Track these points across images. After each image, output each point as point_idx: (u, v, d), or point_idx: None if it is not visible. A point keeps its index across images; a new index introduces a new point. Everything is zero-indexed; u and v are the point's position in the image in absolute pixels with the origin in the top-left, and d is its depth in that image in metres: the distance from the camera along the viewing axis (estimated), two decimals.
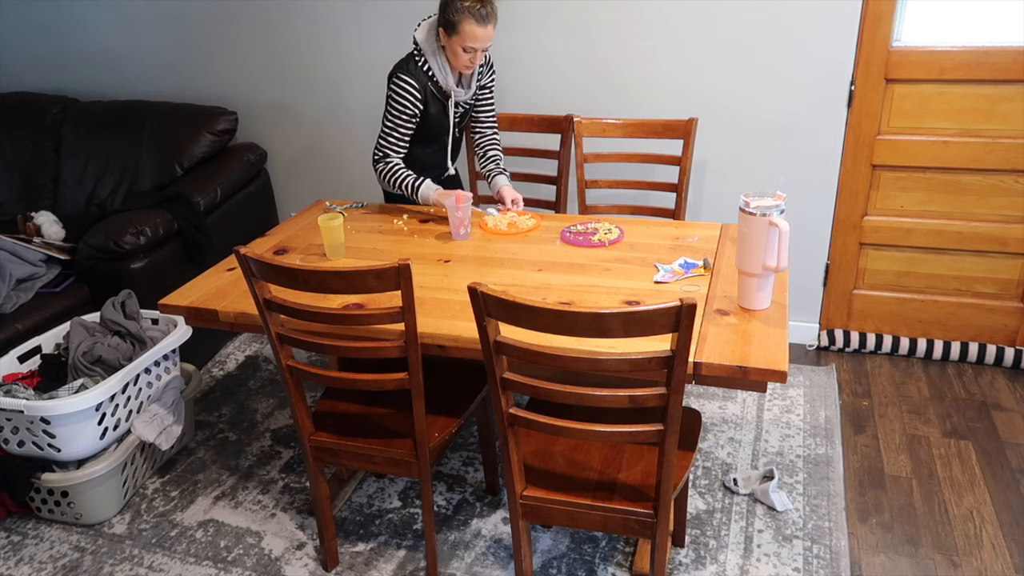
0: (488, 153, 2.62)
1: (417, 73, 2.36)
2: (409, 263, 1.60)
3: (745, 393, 2.79)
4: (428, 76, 2.37)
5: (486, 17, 2.22)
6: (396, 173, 2.43)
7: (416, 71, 2.36)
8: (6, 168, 3.39)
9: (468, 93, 2.46)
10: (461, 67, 2.33)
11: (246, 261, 1.70)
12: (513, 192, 2.51)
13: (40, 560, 2.20)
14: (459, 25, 2.22)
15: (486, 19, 2.22)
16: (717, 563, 2.06)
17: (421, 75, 2.36)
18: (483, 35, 2.24)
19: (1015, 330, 2.87)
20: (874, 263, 2.93)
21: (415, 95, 2.35)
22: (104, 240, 2.72)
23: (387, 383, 1.80)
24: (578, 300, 1.89)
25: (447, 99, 2.42)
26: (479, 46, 2.26)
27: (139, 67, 3.54)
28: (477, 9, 2.20)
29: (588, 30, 2.86)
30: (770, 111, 2.79)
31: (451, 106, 2.44)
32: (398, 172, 2.43)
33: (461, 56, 2.29)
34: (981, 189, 2.72)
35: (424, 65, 2.36)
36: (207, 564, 2.15)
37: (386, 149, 2.44)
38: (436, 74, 2.36)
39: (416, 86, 2.35)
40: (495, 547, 2.16)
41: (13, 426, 2.20)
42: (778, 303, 1.84)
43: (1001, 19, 2.52)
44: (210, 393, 2.97)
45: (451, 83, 2.38)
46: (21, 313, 2.64)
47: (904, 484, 2.32)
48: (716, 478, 2.37)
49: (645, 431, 1.52)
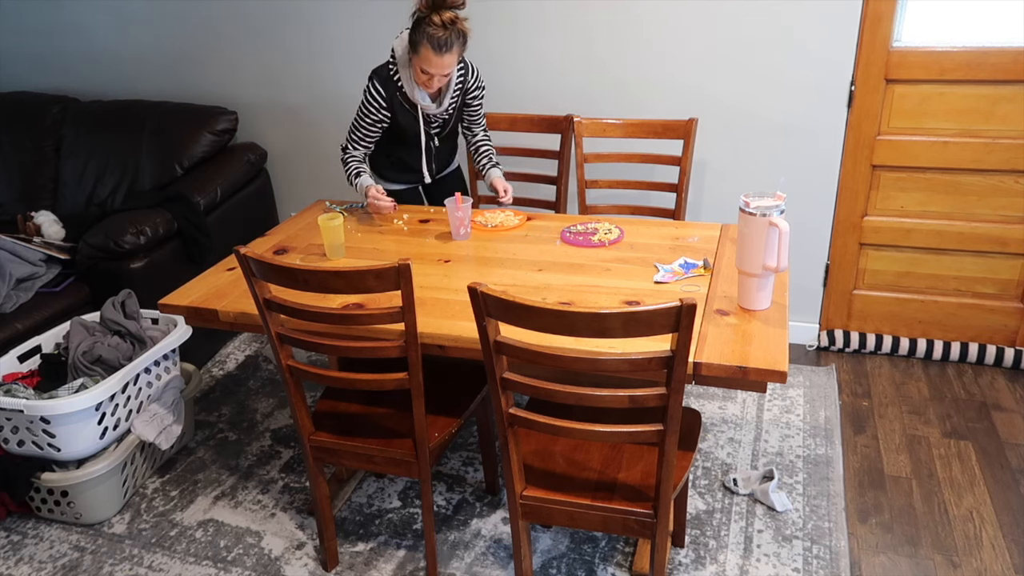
0: (480, 150, 2.64)
1: (387, 82, 2.38)
2: (409, 263, 1.60)
3: (745, 393, 2.79)
4: (398, 86, 2.39)
5: (444, 46, 2.19)
6: (347, 165, 2.51)
7: (387, 79, 2.38)
8: (6, 168, 3.39)
9: (440, 107, 2.44)
10: (423, 86, 2.35)
11: (246, 261, 1.70)
12: (504, 183, 2.52)
13: (40, 560, 2.20)
14: (419, 47, 2.22)
15: (444, 48, 2.19)
16: (717, 563, 2.06)
17: (391, 84, 2.38)
18: (438, 63, 2.22)
19: (1015, 330, 2.87)
20: (874, 263, 2.93)
21: (380, 103, 2.39)
22: (104, 240, 2.72)
23: (387, 383, 1.80)
24: (578, 300, 1.89)
25: (416, 109, 2.43)
26: (434, 71, 2.25)
27: (139, 67, 3.54)
28: (438, 37, 2.17)
29: (588, 30, 2.86)
30: (770, 111, 2.79)
31: (420, 116, 2.44)
32: (349, 164, 2.51)
33: (419, 75, 2.30)
34: (981, 189, 2.72)
35: (395, 75, 2.38)
36: (207, 564, 2.15)
37: (348, 143, 2.52)
38: (404, 85, 2.37)
39: (383, 94, 2.38)
40: (495, 547, 2.16)
41: (13, 425, 2.20)
42: (778, 303, 1.84)
43: (1001, 19, 2.52)
44: (210, 393, 2.97)
45: (418, 96, 2.38)
46: (21, 313, 2.65)
47: (904, 484, 2.32)
48: (716, 478, 2.37)
49: (645, 431, 1.52)
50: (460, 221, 2.29)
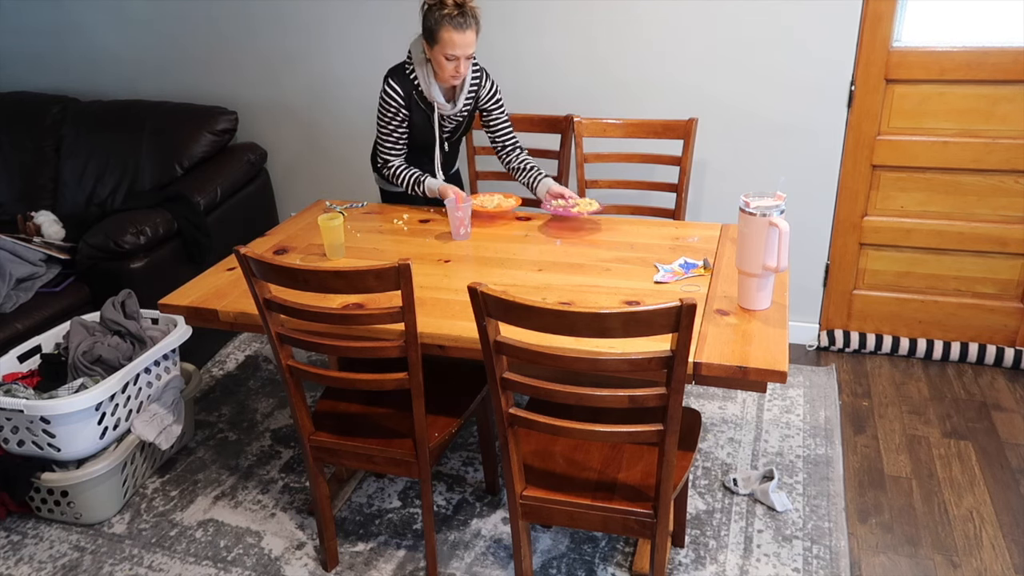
0: (526, 167, 2.56)
1: (404, 80, 2.39)
2: (409, 263, 1.60)
3: (745, 393, 2.79)
4: (414, 85, 2.39)
5: (464, 24, 2.21)
6: (400, 175, 2.48)
7: (403, 78, 2.39)
8: (6, 168, 3.39)
9: (455, 108, 2.44)
10: (447, 78, 2.33)
11: (246, 261, 1.70)
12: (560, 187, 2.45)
13: (40, 560, 2.20)
14: (438, 33, 2.22)
15: (464, 25, 2.21)
16: (717, 563, 2.06)
17: (407, 82, 2.39)
18: (462, 41, 2.23)
19: (1015, 330, 2.87)
20: (874, 263, 2.93)
21: (399, 101, 2.39)
22: (104, 240, 2.72)
23: (387, 383, 1.80)
24: (578, 300, 1.89)
25: (432, 111, 2.43)
26: (460, 53, 2.25)
27: (139, 67, 3.54)
28: (455, 16, 2.19)
29: (588, 30, 2.86)
30: (770, 111, 2.79)
31: (435, 118, 2.44)
32: (401, 173, 2.48)
33: (446, 66, 2.29)
34: (981, 189, 2.72)
35: (412, 73, 2.38)
36: (207, 564, 2.15)
37: (385, 155, 2.49)
38: (421, 83, 2.37)
39: (401, 92, 2.38)
40: (495, 547, 2.16)
41: (13, 425, 2.20)
42: (778, 303, 1.84)
43: (1001, 19, 2.52)
44: (210, 393, 2.97)
45: (434, 93, 2.38)
46: (21, 313, 2.64)
47: (904, 484, 2.32)
48: (716, 478, 2.37)
49: (645, 431, 1.52)
50: (460, 221, 2.29)
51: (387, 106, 2.40)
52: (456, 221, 2.29)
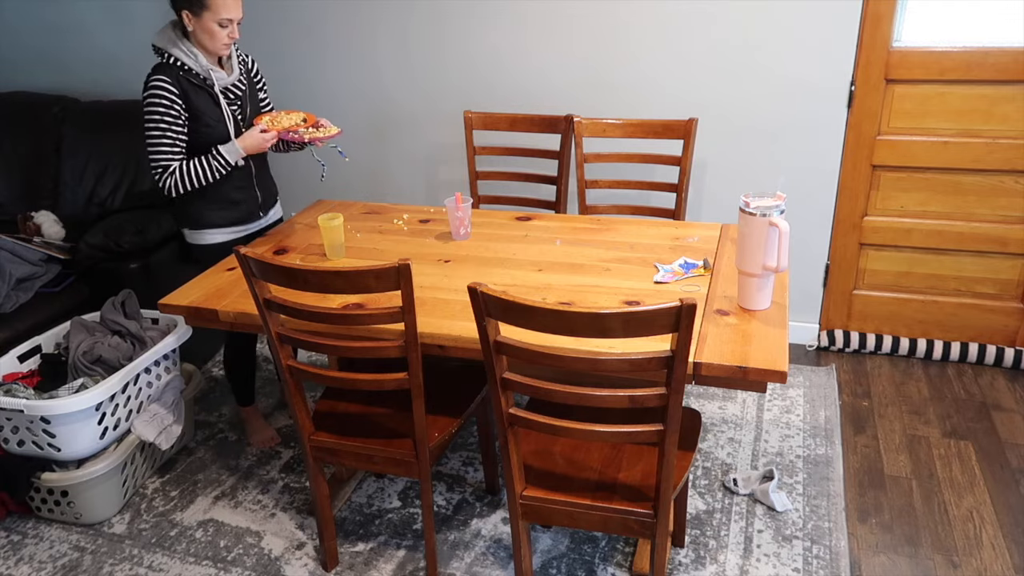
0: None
1: (167, 69, 2.23)
2: (409, 263, 1.60)
3: (745, 393, 2.79)
4: (179, 67, 2.24)
5: None
6: (190, 171, 2.22)
7: (166, 68, 2.23)
8: (6, 168, 3.39)
9: (232, 75, 2.32)
10: (220, 47, 2.23)
11: (246, 261, 1.70)
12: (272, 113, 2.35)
13: (40, 560, 2.20)
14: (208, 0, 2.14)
15: None
16: (717, 563, 2.06)
17: (171, 69, 2.23)
18: (233, 3, 2.18)
19: (1015, 330, 2.87)
20: (874, 263, 2.93)
21: (171, 89, 2.20)
22: (104, 240, 2.72)
23: (387, 383, 1.80)
24: (578, 300, 1.89)
25: (211, 87, 2.27)
26: (234, 16, 2.19)
27: (139, 67, 3.53)
28: None
29: (588, 30, 2.86)
30: (770, 111, 2.79)
31: (218, 94, 2.28)
32: (191, 165, 2.23)
33: (219, 34, 2.19)
34: (981, 189, 2.72)
35: (170, 59, 2.23)
36: (207, 564, 2.15)
37: (163, 162, 2.21)
38: (187, 62, 2.23)
39: (169, 79, 2.21)
40: (495, 547, 2.16)
41: (13, 425, 2.20)
42: (778, 303, 1.84)
43: (1001, 19, 2.52)
44: (210, 393, 2.97)
45: (203, 63, 2.24)
46: (21, 313, 2.65)
47: (904, 484, 2.32)
48: (716, 478, 2.37)
49: (645, 431, 1.52)
50: (460, 221, 2.29)
51: (157, 101, 2.18)
52: (456, 221, 2.29)
